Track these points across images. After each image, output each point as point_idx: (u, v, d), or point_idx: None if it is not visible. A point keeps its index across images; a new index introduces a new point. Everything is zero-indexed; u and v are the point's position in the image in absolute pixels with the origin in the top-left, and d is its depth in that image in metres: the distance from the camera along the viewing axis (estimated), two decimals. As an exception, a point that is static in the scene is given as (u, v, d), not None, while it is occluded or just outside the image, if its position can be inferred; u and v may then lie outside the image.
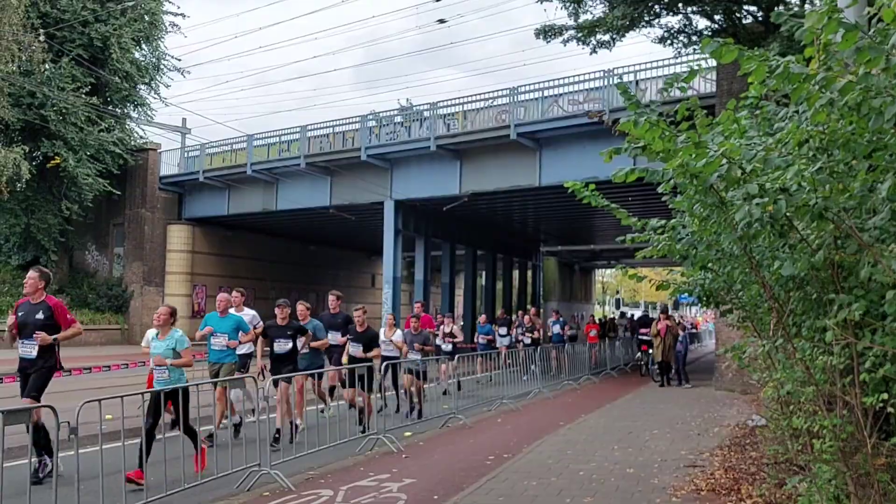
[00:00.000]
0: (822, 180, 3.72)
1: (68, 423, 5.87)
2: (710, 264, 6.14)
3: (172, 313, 8.75)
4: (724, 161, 3.69)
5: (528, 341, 20.34)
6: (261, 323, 11.87)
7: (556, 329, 23.15)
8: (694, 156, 3.85)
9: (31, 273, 8.51)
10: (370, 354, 11.47)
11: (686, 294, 7.40)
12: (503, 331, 20.58)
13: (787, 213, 3.85)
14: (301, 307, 11.96)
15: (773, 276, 5.02)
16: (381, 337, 12.97)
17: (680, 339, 19.59)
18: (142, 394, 7.86)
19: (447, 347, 16.43)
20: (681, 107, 4.81)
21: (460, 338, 15.49)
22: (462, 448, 10.05)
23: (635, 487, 7.53)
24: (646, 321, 22.56)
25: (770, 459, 7.82)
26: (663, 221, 6.35)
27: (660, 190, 5.78)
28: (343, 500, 7.17)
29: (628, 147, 4.56)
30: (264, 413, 8.73)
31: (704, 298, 7.08)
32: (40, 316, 8.23)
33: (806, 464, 6.33)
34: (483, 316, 21.94)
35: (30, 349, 8.24)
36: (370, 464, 8.95)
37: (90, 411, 6.17)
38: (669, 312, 21.35)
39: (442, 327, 16.94)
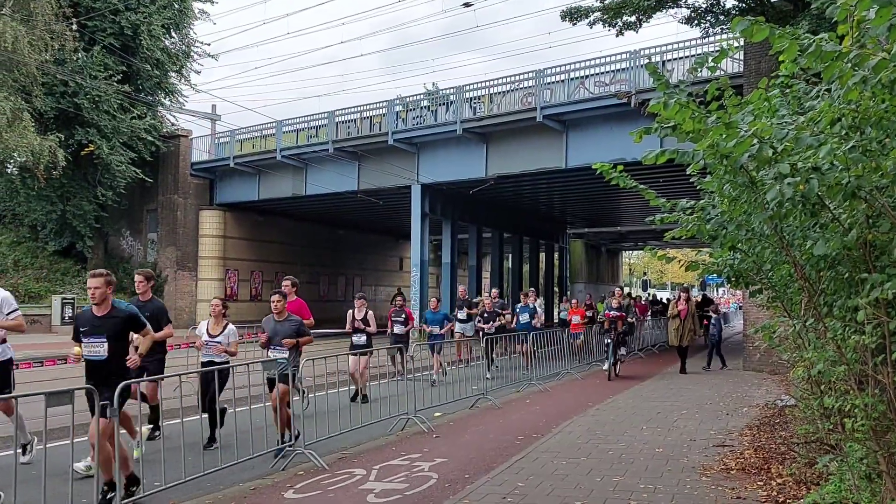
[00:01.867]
0: (854, 159, 3.72)
1: (110, 403, 6.05)
2: (739, 244, 6.14)
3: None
4: (756, 141, 3.71)
5: (491, 330, 16.85)
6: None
7: (525, 317, 17.92)
8: (724, 136, 3.87)
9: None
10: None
11: (715, 275, 7.40)
12: (462, 315, 17.73)
13: (819, 193, 3.86)
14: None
15: (805, 256, 5.03)
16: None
17: (713, 321, 19.02)
18: (179, 375, 8.06)
19: (358, 339, 13.39)
20: (711, 87, 4.81)
21: (373, 328, 13.15)
22: (491, 428, 10.15)
23: (665, 467, 7.59)
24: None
25: (800, 439, 7.82)
26: (692, 202, 6.36)
27: (689, 171, 5.80)
28: (376, 478, 7.31)
29: (658, 128, 4.58)
30: (297, 395, 8.90)
31: (733, 279, 7.08)
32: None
33: (837, 443, 6.34)
34: (434, 300, 17.43)
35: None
36: (401, 443, 9.09)
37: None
38: (692, 293, 21.17)
39: (352, 312, 13.69)
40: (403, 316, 15.61)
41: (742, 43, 16.84)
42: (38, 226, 32.19)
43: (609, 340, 16.36)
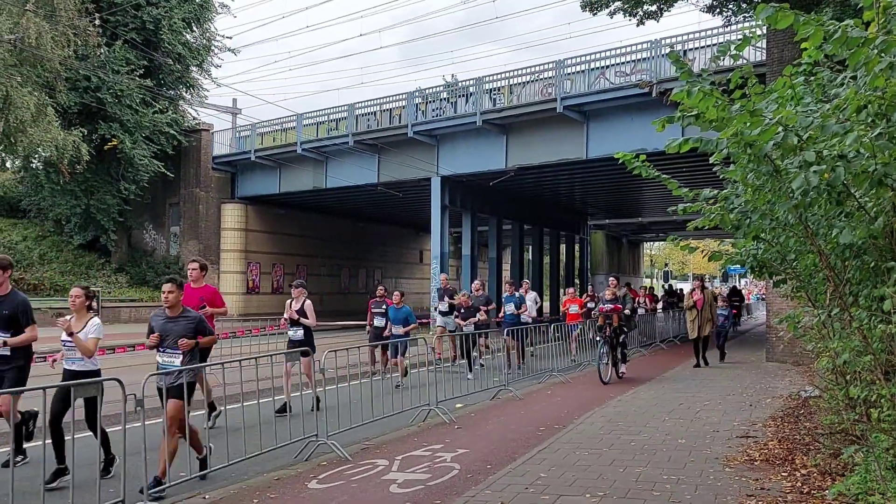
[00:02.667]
0: (881, 146, 3.68)
1: (134, 395, 6.12)
2: (763, 234, 6.11)
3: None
4: (781, 129, 3.69)
5: (469, 327, 15.63)
6: None
7: (510, 308, 16.00)
8: (749, 124, 3.85)
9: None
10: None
11: (738, 265, 7.35)
12: (444, 306, 16.78)
13: (845, 181, 3.82)
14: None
15: (830, 245, 4.99)
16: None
17: (720, 311, 17.71)
18: (203, 367, 8.13)
19: (295, 334, 11.53)
20: (734, 75, 4.78)
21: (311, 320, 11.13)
22: (513, 419, 10.16)
23: (688, 457, 7.56)
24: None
25: (825, 429, 7.78)
26: (715, 192, 6.32)
27: (712, 160, 5.76)
28: (398, 469, 7.34)
29: (680, 116, 4.56)
30: (321, 385, 8.95)
31: (757, 269, 7.04)
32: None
33: (862, 433, 6.30)
34: (397, 294, 14.54)
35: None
36: (423, 434, 9.13)
37: (155, 385, 6.41)
38: (710, 283, 20.73)
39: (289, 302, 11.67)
40: (384, 307, 14.48)
41: (765, 31, 16.67)
42: (63, 220, 32.57)
43: (600, 338, 14.10)
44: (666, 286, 29.89)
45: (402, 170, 27.75)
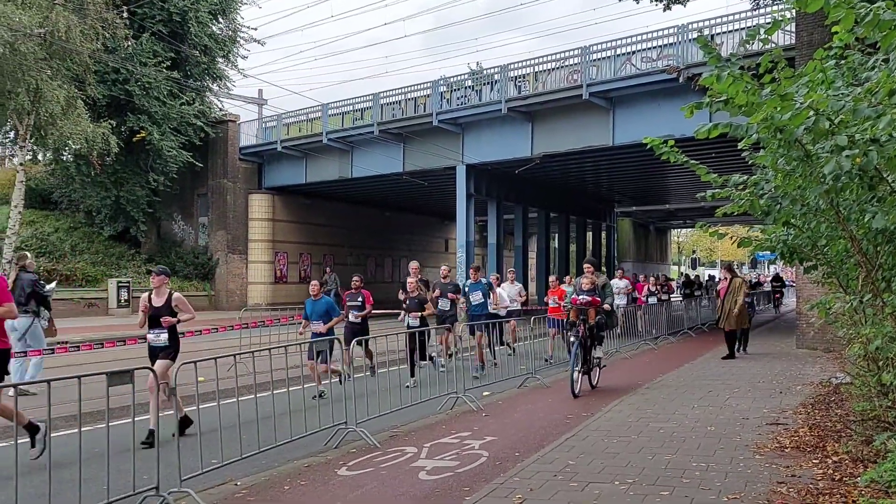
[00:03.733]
0: (914, 130, 3.64)
1: (167, 383, 6.21)
2: (793, 220, 6.05)
3: None
4: (812, 113, 3.65)
5: (415, 321, 12.70)
6: None
7: (477, 297, 14.25)
8: (779, 108, 3.81)
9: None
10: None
11: (768, 251, 7.29)
12: (445, 304, 14.10)
13: (878, 165, 3.78)
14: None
15: (862, 230, 4.94)
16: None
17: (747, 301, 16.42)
18: (234, 355, 8.23)
19: (156, 338, 9.05)
20: (764, 59, 4.73)
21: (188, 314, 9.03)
22: (540, 407, 10.17)
23: (717, 445, 7.53)
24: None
25: (857, 416, 7.70)
26: (745, 177, 6.27)
27: (741, 146, 5.71)
28: (427, 456, 7.39)
29: (709, 102, 4.52)
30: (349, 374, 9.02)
31: (787, 255, 6.98)
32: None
33: (895, 420, 6.23)
34: (314, 284, 12.39)
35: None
36: (451, 422, 9.17)
37: (186, 373, 6.51)
38: (736, 269, 18.55)
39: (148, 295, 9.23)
40: (360, 299, 13.03)
41: (794, 14, 16.40)
42: (94, 211, 32.99)
43: (574, 338, 11.11)
44: (684, 276, 29.03)
45: (427, 158, 27.76)
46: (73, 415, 7.96)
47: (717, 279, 21.48)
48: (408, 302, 12.92)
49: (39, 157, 31.78)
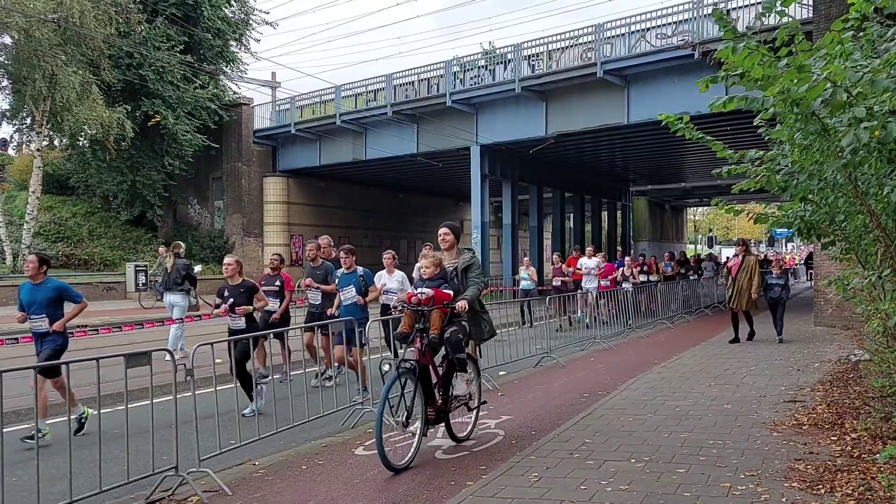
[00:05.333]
0: (934, 101, 3.58)
1: (184, 365, 6.26)
2: (810, 195, 5.98)
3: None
4: (829, 85, 3.59)
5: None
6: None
7: (349, 293, 9.87)
8: (796, 81, 3.75)
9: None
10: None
11: (785, 228, 7.22)
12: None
13: (896, 137, 3.72)
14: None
15: (881, 205, 4.88)
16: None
17: (774, 279, 14.52)
18: (250, 337, 8.28)
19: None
20: (780, 31, 4.65)
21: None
22: (556, 386, 10.18)
23: (734, 423, 7.51)
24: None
25: (875, 393, 7.66)
26: (761, 153, 6.20)
27: (756, 121, 5.64)
28: (443, 435, 7.40)
29: (725, 75, 4.46)
30: (365, 354, 9.05)
31: (804, 231, 6.91)
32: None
33: (914, 396, 6.19)
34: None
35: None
36: (468, 401, 9.18)
37: (203, 355, 6.55)
38: (752, 245, 16.71)
39: None
40: (279, 283, 10.80)
41: (812, -13, 16.17)
42: (110, 196, 33.19)
43: (389, 368, 6.84)
44: (678, 254, 26.05)
45: (441, 139, 27.68)
46: (92, 397, 8.07)
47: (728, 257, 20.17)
48: (226, 292, 9.01)
49: (56, 142, 31.96)
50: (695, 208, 69.38)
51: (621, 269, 20.74)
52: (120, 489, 5.61)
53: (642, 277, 20.82)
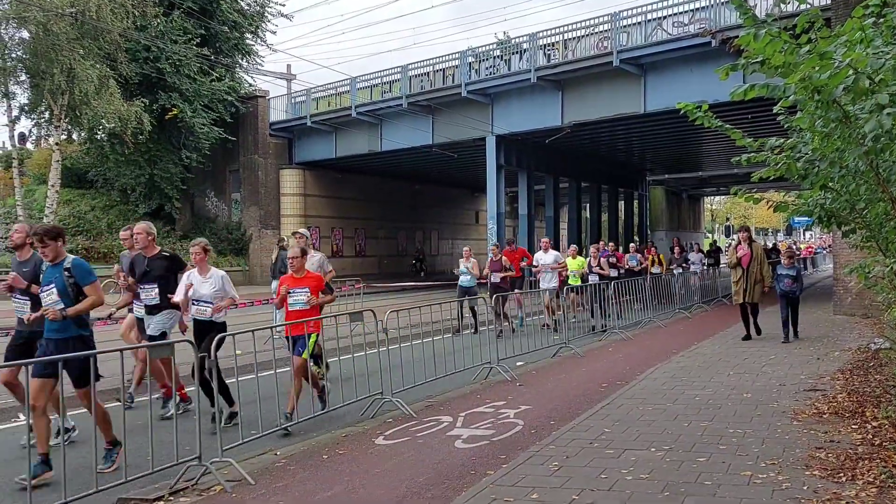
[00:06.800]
0: (957, 87, 3.55)
1: (206, 357, 6.32)
2: (831, 183, 5.94)
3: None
4: (851, 72, 3.57)
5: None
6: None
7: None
8: (818, 68, 3.73)
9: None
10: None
11: (805, 216, 7.17)
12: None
13: (919, 124, 3.69)
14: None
15: (903, 192, 4.84)
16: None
17: (784, 270, 13.24)
18: (271, 328, 8.35)
19: None
20: (801, 18, 4.62)
21: None
22: (574, 376, 10.18)
23: (754, 411, 7.49)
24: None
25: (897, 382, 7.61)
26: (781, 140, 6.16)
27: (776, 108, 5.61)
28: (462, 425, 7.45)
29: (745, 63, 4.44)
30: (384, 345, 9.08)
31: (825, 219, 6.86)
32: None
33: (937, 385, 6.15)
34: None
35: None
36: (486, 392, 9.22)
37: (225, 347, 6.60)
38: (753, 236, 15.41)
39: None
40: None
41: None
42: (129, 189, 33.42)
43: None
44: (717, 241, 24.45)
45: (456, 130, 27.66)
46: (115, 388, 8.17)
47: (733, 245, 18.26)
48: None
49: (74, 136, 32.19)
50: (712, 197, 68.95)
51: (588, 259, 17.08)
52: (144, 479, 5.68)
53: (613, 272, 17.52)
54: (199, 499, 5.50)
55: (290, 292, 8.17)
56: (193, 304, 7.84)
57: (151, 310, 8.27)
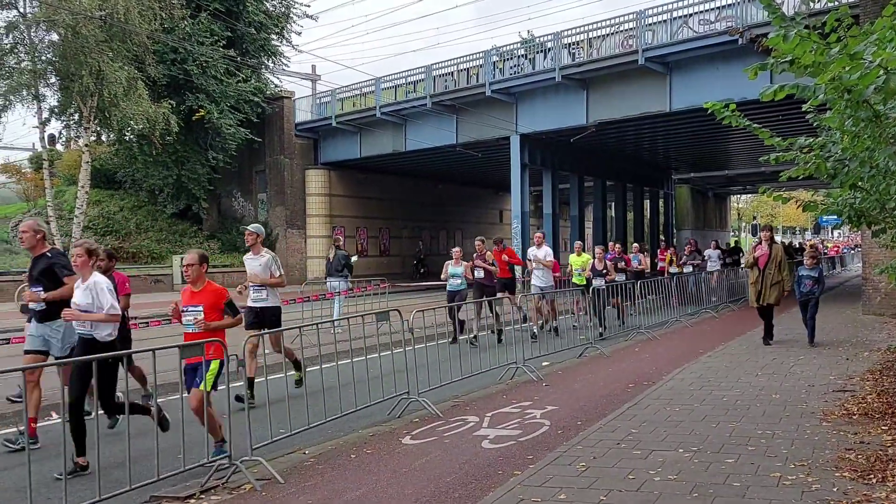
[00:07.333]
0: None
1: (236, 356, 6.40)
2: (861, 182, 5.89)
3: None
4: (882, 72, 3.55)
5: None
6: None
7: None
8: (848, 68, 3.71)
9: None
10: None
11: (834, 215, 7.12)
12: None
13: (951, 124, 3.66)
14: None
15: (934, 192, 4.79)
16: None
17: (805, 272, 12.49)
18: (299, 328, 8.44)
19: None
20: (830, 17, 4.59)
21: None
22: (601, 377, 10.16)
23: (782, 412, 7.44)
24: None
25: (929, 383, 7.52)
26: (810, 140, 6.12)
27: (805, 108, 5.58)
28: (489, 425, 7.48)
29: (774, 63, 4.42)
30: (410, 345, 9.13)
31: (854, 219, 6.81)
32: None
33: (970, 386, 6.07)
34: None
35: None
36: (512, 392, 9.24)
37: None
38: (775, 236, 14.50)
39: None
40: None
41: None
42: (156, 190, 33.81)
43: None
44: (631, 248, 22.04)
45: (480, 129, 27.67)
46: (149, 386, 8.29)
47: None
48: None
49: (103, 137, 32.60)
50: (738, 196, 68.27)
51: (592, 261, 15.96)
52: (176, 477, 5.77)
53: (620, 276, 16.70)
54: (229, 497, 5.58)
55: (183, 310, 6.61)
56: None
57: (41, 317, 7.24)
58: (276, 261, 9.42)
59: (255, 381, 8.29)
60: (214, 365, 6.31)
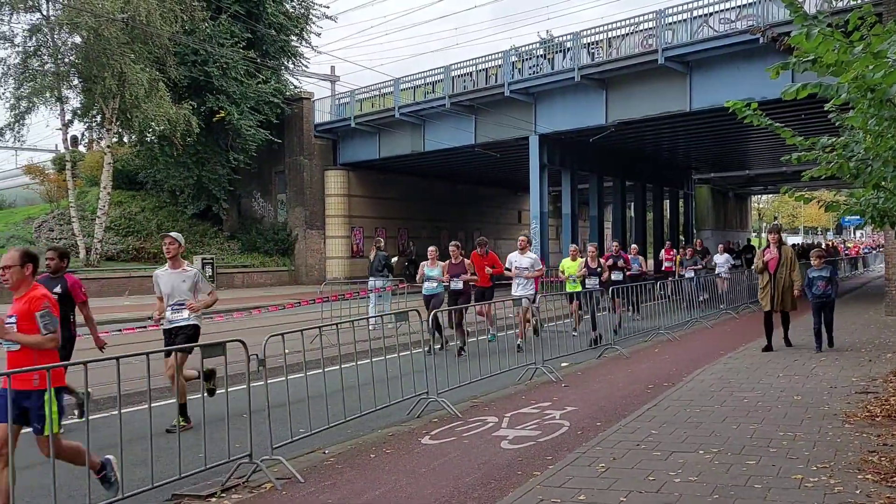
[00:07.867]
0: None
1: (256, 356, 6.43)
2: (884, 182, 5.84)
3: None
4: (906, 71, 3.51)
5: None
6: None
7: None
8: (871, 67, 3.68)
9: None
10: None
11: (857, 215, 7.05)
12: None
13: (977, 122, 3.62)
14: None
15: (959, 192, 4.74)
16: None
17: (815, 272, 11.76)
18: (319, 328, 8.47)
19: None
20: (853, 16, 4.55)
21: None
22: (620, 377, 10.12)
23: (804, 414, 7.38)
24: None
25: (954, 385, 7.43)
26: (833, 139, 6.07)
27: (828, 107, 5.54)
28: (508, 425, 7.47)
29: (796, 62, 4.39)
30: (429, 345, 9.16)
31: (877, 219, 6.74)
32: None
33: None
34: None
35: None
36: (531, 392, 9.22)
37: (274, 345, 6.71)
38: (783, 238, 13.51)
39: None
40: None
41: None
42: (177, 191, 34.09)
43: None
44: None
45: (499, 130, 27.65)
46: (167, 386, 8.37)
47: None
48: None
49: (125, 139, 32.94)
50: (759, 196, 67.73)
51: (584, 260, 14.59)
52: (197, 475, 5.81)
53: (617, 275, 15.94)
54: (250, 496, 5.61)
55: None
56: None
57: None
58: (204, 275, 8.59)
59: (277, 380, 8.31)
60: (48, 401, 4.95)
